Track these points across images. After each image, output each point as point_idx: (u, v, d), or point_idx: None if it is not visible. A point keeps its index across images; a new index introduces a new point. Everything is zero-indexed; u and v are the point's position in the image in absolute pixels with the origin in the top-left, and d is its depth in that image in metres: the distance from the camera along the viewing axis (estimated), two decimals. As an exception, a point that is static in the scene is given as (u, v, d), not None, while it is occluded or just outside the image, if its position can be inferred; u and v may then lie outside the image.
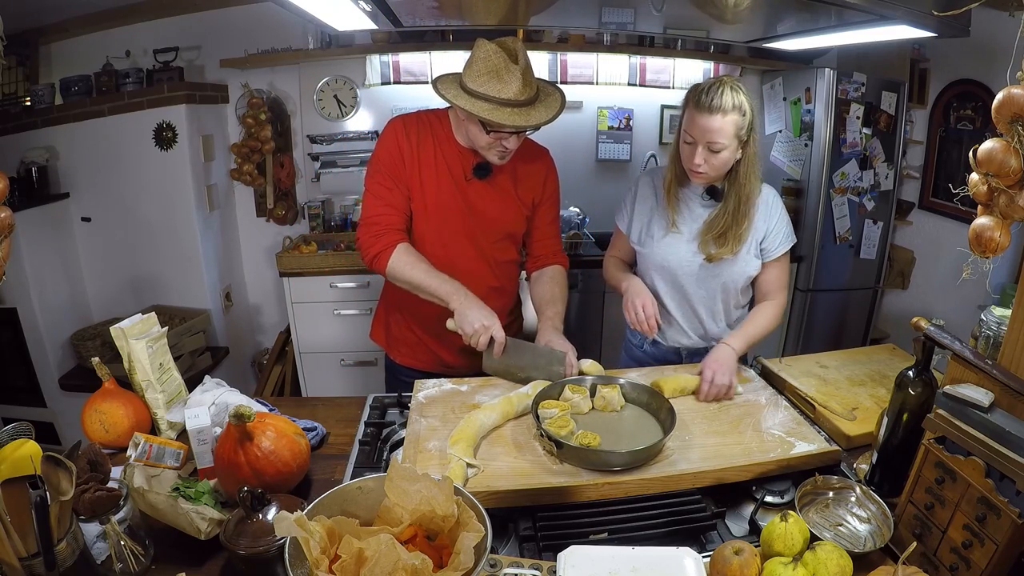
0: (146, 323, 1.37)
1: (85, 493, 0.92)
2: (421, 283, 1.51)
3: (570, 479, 1.11)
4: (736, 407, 1.37)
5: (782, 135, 3.27)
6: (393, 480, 0.85)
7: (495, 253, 1.68)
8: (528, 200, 1.69)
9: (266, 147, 3.02)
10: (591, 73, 3.21)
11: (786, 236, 1.59)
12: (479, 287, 1.55)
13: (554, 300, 1.67)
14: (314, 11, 1.67)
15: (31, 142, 2.72)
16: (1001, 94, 0.81)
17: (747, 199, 1.51)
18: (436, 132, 1.58)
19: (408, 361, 1.77)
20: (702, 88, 1.44)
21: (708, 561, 0.90)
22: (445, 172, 1.57)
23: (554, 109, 1.49)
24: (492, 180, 1.60)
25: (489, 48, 1.40)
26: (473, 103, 1.39)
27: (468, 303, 1.47)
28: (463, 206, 1.59)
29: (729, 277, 1.59)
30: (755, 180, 1.52)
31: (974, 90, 2.83)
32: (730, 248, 1.54)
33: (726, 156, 1.45)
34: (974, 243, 0.88)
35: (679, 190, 1.60)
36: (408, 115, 1.61)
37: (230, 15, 2.91)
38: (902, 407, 1.09)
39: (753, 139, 1.47)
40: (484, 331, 1.44)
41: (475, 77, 1.40)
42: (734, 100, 1.40)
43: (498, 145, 1.48)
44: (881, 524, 1.03)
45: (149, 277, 2.96)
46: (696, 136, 1.44)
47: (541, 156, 1.74)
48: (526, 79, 1.41)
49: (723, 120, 1.40)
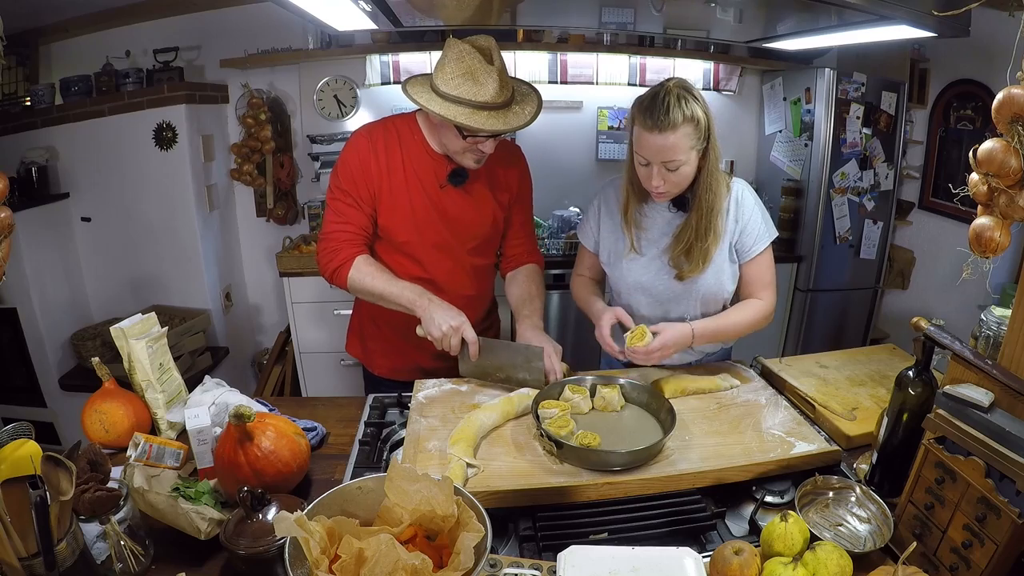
0: (146, 323, 1.37)
1: (85, 493, 0.92)
2: (383, 292, 1.46)
3: (570, 479, 1.11)
4: (736, 407, 1.37)
5: (782, 135, 3.27)
6: (393, 480, 0.85)
7: (472, 260, 1.62)
8: (505, 202, 1.64)
9: (266, 147, 3.02)
10: (591, 73, 3.21)
11: (763, 232, 1.48)
12: (455, 297, 1.50)
13: (531, 298, 1.62)
14: (314, 11, 1.67)
15: (31, 142, 2.72)
16: (1001, 94, 0.81)
17: (711, 210, 1.41)
18: (404, 139, 1.51)
19: (386, 372, 1.72)
20: (646, 102, 1.30)
21: (708, 561, 0.90)
22: (416, 180, 1.50)
23: (532, 110, 1.43)
24: (468, 186, 1.53)
25: (462, 48, 1.34)
26: (448, 107, 1.33)
27: (433, 307, 1.41)
28: (437, 215, 1.53)
29: (707, 291, 1.50)
30: (718, 187, 1.41)
31: (974, 90, 2.83)
32: (697, 265, 1.44)
33: (687, 171, 1.34)
34: (974, 243, 0.88)
35: (643, 207, 1.50)
36: (373, 124, 1.55)
37: (230, 15, 2.91)
38: (902, 407, 1.09)
39: (712, 145, 1.35)
40: (454, 332, 1.38)
41: (448, 79, 1.34)
42: (684, 111, 1.27)
43: (474, 150, 1.42)
44: (881, 524, 1.03)
45: (149, 277, 2.96)
46: (649, 157, 1.32)
47: (515, 155, 1.67)
48: (502, 80, 1.36)
49: (675, 136, 1.27)
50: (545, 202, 3.29)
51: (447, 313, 1.40)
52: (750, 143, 3.51)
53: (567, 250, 3.06)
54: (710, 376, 1.47)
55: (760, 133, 3.46)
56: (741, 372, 1.54)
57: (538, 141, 3.30)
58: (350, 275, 1.48)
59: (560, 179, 3.33)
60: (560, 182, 3.32)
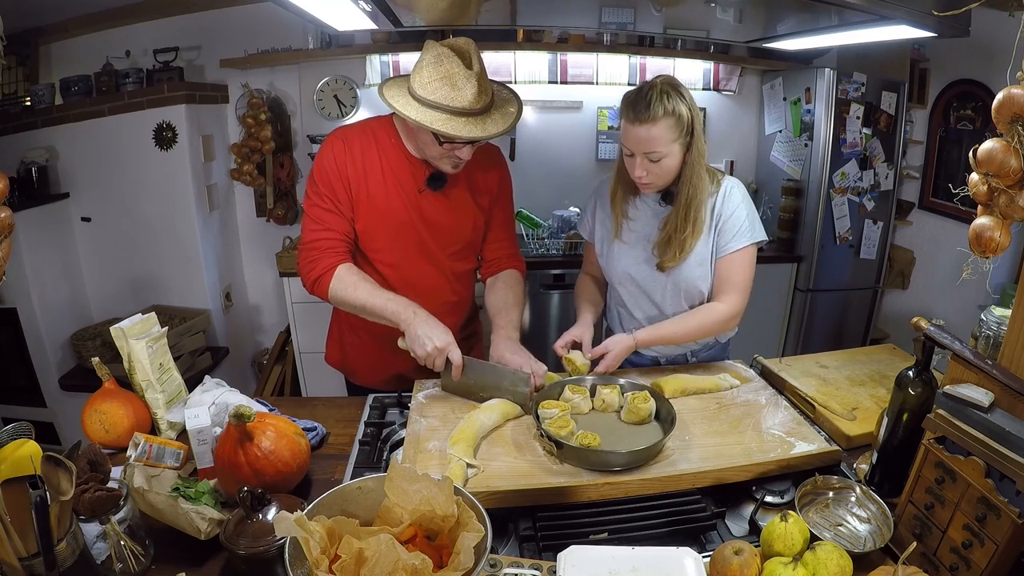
0: (146, 323, 1.37)
1: (85, 493, 0.92)
2: (366, 304, 1.39)
3: (570, 479, 1.11)
4: (736, 407, 1.36)
5: (782, 135, 3.27)
6: (393, 480, 0.85)
7: (453, 265, 1.58)
8: (485, 205, 1.59)
9: (266, 147, 3.02)
10: (591, 73, 3.21)
11: (744, 230, 1.46)
12: (437, 304, 1.47)
13: (507, 307, 1.55)
14: (314, 11, 1.67)
15: (31, 142, 2.72)
16: (1001, 94, 0.81)
17: (692, 202, 1.43)
18: (381, 142, 1.46)
19: (368, 383, 1.67)
20: (632, 97, 1.36)
21: (708, 561, 0.90)
22: (394, 185, 1.45)
23: (511, 117, 1.38)
24: (447, 190, 1.49)
25: (440, 51, 1.30)
26: (424, 113, 1.29)
27: (419, 321, 1.34)
28: (416, 219, 1.48)
29: (688, 283, 1.51)
30: (700, 182, 1.43)
31: (974, 90, 2.83)
32: (674, 255, 1.47)
33: (669, 163, 1.39)
34: (974, 243, 0.88)
35: (634, 199, 1.55)
36: (349, 127, 1.49)
37: (230, 15, 2.91)
38: (902, 407, 1.09)
39: (696, 140, 1.39)
40: (439, 353, 1.32)
41: (425, 83, 1.29)
42: (665, 106, 1.32)
43: (451, 156, 1.38)
44: (881, 524, 1.03)
45: (149, 277, 2.96)
46: (632, 147, 1.39)
47: (495, 158, 1.62)
48: (481, 85, 1.31)
49: (654, 129, 1.33)
50: (545, 202, 3.29)
51: (433, 331, 1.33)
52: (750, 143, 3.51)
53: (567, 250, 3.06)
54: (710, 376, 1.47)
55: (760, 133, 3.46)
56: (741, 372, 1.54)
57: (538, 141, 3.30)
58: (331, 286, 1.42)
59: (560, 179, 3.33)
60: (560, 182, 3.33)
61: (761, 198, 3.41)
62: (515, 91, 1.46)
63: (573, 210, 3.22)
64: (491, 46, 3.03)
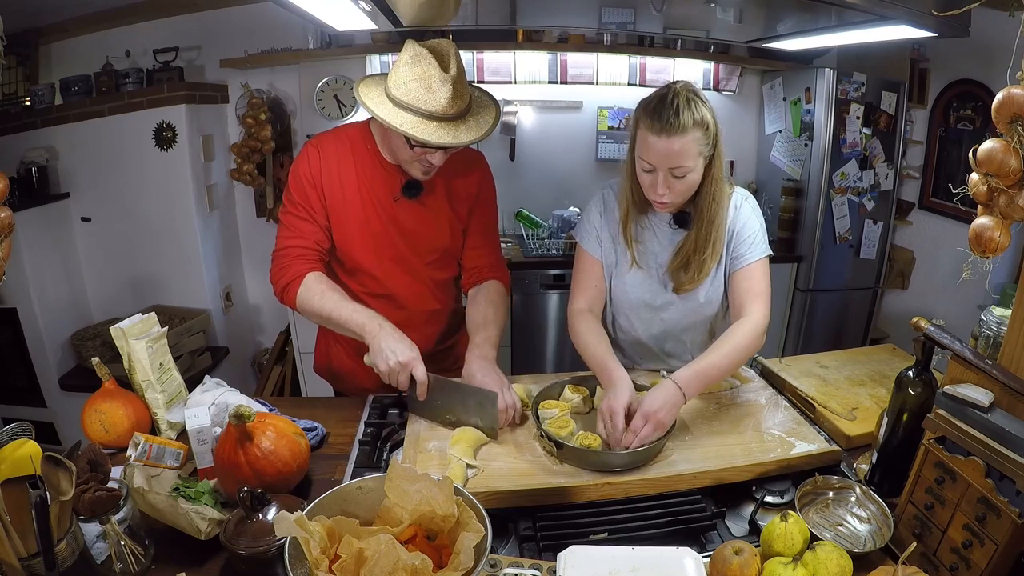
0: (146, 323, 1.37)
1: (85, 493, 0.92)
2: (332, 314, 1.33)
3: (570, 479, 1.11)
4: (736, 407, 1.36)
5: (782, 135, 3.27)
6: (393, 480, 0.85)
7: (432, 274, 1.53)
8: (464, 214, 1.52)
9: (266, 147, 3.02)
10: (591, 73, 3.21)
11: (759, 240, 1.37)
12: (418, 312, 1.43)
13: (486, 323, 1.45)
14: (314, 11, 1.67)
15: (31, 142, 2.72)
16: (1001, 94, 0.81)
17: (712, 221, 1.32)
18: (357, 150, 1.42)
19: (353, 395, 1.62)
20: (653, 104, 1.21)
21: (708, 561, 0.90)
22: (369, 193, 1.41)
23: (487, 125, 1.32)
24: (423, 198, 1.44)
25: (418, 51, 1.25)
26: (396, 114, 1.24)
27: (384, 335, 1.26)
28: (392, 228, 1.44)
29: (704, 304, 1.43)
30: (722, 198, 1.32)
31: (974, 90, 2.83)
32: (692, 277, 1.37)
33: (693, 179, 1.25)
34: (974, 243, 0.88)
35: (642, 219, 1.41)
36: (324, 135, 1.45)
37: (230, 15, 2.91)
38: (902, 407, 1.09)
39: (718, 153, 1.27)
40: (402, 369, 1.24)
41: (400, 83, 1.24)
42: (694, 115, 1.18)
43: (422, 161, 1.32)
44: (881, 524, 1.03)
45: (149, 277, 2.96)
46: (655, 163, 1.22)
47: (475, 161, 1.54)
48: (457, 90, 1.25)
49: (684, 140, 1.18)
50: (545, 202, 3.29)
51: (398, 345, 1.25)
52: (750, 143, 3.51)
53: (567, 250, 3.06)
54: (710, 376, 1.46)
55: (760, 133, 3.46)
56: (741, 372, 1.53)
57: (538, 141, 3.31)
58: (299, 294, 1.37)
59: (560, 179, 3.33)
60: (560, 182, 3.33)
61: (761, 198, 3.41)
62: (495, 98, 1.41)
63: (573, 210, 3.22)
64: (491, 46, 3.03)
